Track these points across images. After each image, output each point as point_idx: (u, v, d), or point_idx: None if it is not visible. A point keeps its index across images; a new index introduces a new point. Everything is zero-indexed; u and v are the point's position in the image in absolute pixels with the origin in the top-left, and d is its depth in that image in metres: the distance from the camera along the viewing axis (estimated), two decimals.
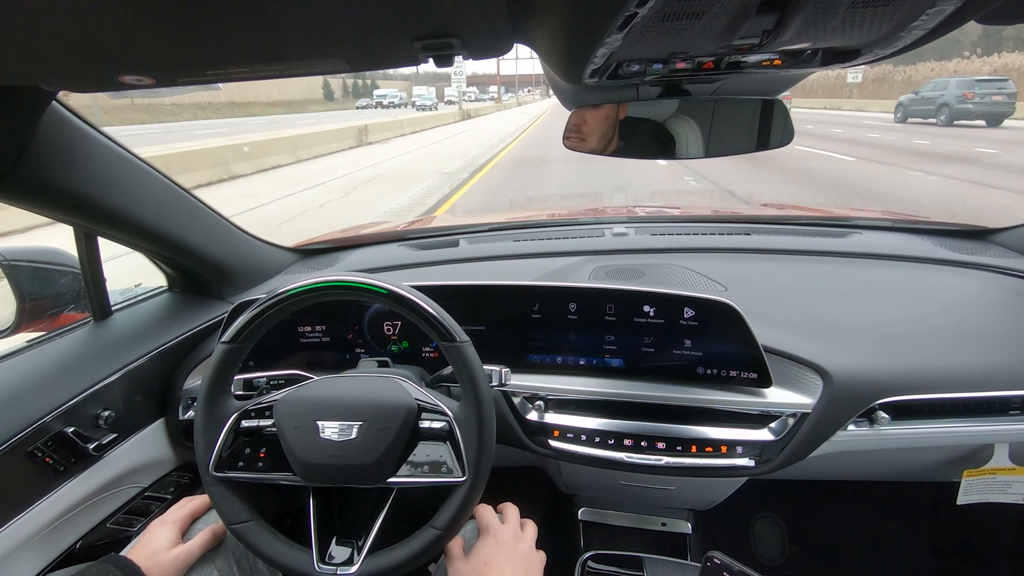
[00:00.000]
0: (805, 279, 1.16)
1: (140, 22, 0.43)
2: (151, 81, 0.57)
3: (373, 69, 0.60)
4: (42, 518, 0.79)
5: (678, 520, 1.25)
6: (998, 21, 0.46)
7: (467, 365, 0.67)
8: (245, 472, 0.69)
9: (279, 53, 0.52)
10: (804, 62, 0.56)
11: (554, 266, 1.24)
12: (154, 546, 0.72)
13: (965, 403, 0.87)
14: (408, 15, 0.45)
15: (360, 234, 1.60)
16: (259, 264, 1.27)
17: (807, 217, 1.49)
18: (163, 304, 1.13)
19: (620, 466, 0.91)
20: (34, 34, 0.45)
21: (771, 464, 0.88)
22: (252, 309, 0.69)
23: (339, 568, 0.65)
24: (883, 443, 0.89)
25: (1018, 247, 1.20)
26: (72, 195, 0.80)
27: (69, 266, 0.98)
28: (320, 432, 0.65)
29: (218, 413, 0.70)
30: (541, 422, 0.95)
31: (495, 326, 0.99)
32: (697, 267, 1.18)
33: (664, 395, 0.91)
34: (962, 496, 0.95)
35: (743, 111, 0.79)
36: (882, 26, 0.45)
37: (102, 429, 0.88)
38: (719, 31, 0.45)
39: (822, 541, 1.44)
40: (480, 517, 0.76)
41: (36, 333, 0.94)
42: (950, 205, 5.71)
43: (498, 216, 1.71)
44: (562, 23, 0.46)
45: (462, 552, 0.73)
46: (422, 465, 0.67)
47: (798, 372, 0.91)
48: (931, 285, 1.10)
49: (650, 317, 0.92)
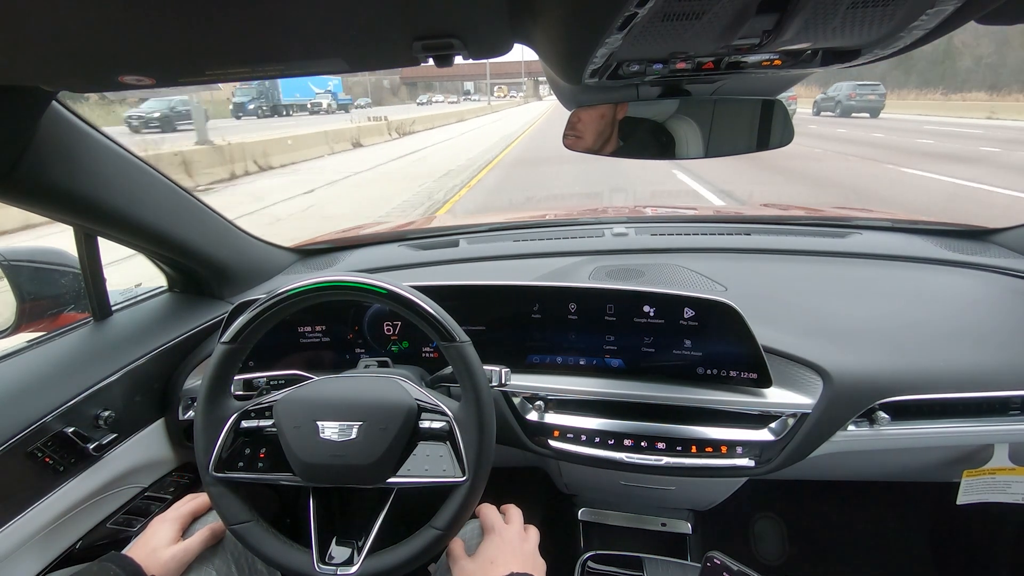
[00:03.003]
0: (805, 279, 1.16)
1: (140, 22, 0.43)
2: (151, 81, 0.57)
3: (373, 69, 0.60)
4: (42, 518, 0.79)
5: (678, 520, 1.25)
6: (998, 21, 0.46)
7: (467, 365, 0.67)
8: (245, 472, 0.69)
9: (279, 53, 0.52)
10: (804, 62, 0.56)
11: (554, 266, 1.24)
12: (154, 543, 0.72)
13: (965, 403, 0.87)
14: (408, 15, 0.45)
15: (360, 234, 1.60)
16: (259, 264, 1.27)
17: (807, 217, 1.49)
18: (163, 304, 1.13)
19: (620, 466, 0.91)
20: (34, 34, 0.45)
21: (771, 464, 0.88)
22: (252, 309, 0.69)
23: (339, 568, 0.65)
24: (883, 443, 0.89)
25: (1018, 247, 1.20)
26: (72, 195, 0.79)
27: (69, 266, 0.98)
28: (320, 432, 0.65)
29: (218, 413, 0.70)
30: (541, 422, 0.95)
31: (495, 326, 0.99)
32: (697, 267, 1.18)
33: (664, 395, 0.91)
34: (962, 496, 0.95)
35: (743, 111, 0.79)
36: (882, 26, 0.45)
37: (102, 429, 0.88)
38: (719, 31, 0.45)
39: (822, 541, 1.44)
40: (484, 517, 0.76)
41: (36, 333, 0.94)
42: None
43: (498, 216, 1.71)
44: (562, 23, 0.46)
45: (464, 552, 0.73)
46: (422, 465, 0.67)
47: (798, 372, 0.91)
48: (931, 285, 1.10)
49: (650, 317, 0.92)
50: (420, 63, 0.56)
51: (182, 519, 0.77)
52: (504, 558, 0.69)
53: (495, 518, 0.76)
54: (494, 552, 0.70)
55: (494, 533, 0.73)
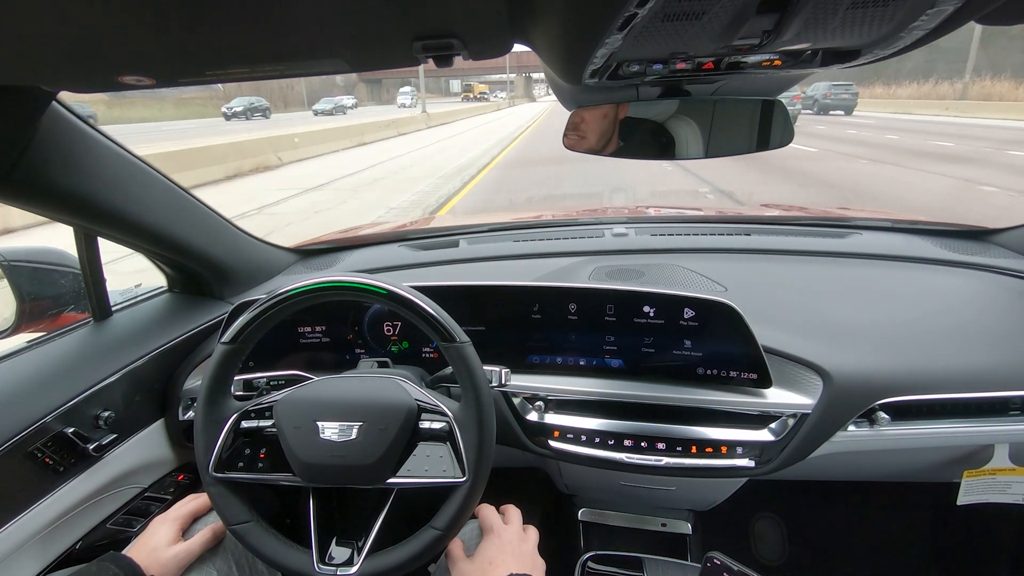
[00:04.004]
0: (805, 279, 1.16)
1: (140, 22, 0.43)
2: (151, 81, 0.57)
3: (373, 69, 0.60)
4: (42, 518, 0.79)
5: (678, 520, 1.25)
6: (998, 21, 0.46)
7: (467, 365, 0.67)
8: (245, 473, 0.69)
9: (279, 53, 0.52)
10: (804, 62, 0.56)
11: (554, 266, 1.24)
12: (154, 543, 0.72)
13: (965, 403, 0.87)
14: (408, 15, 0.45)
15: (360, 234, 1.60)
16: (259, 264, 1.27)
17: (807, 218, 1.49)
18: (163, 304, 1.13)
19: (620, 467, 0.91)
20: (34, 34, 0.45)
21: (771, 464, 0.88)
22: (252, 310, 0.69)
23: (339, 568, 0.65)
24: (883, 443, 0.89)
25: (1018, 247, 1.20)
26: (72, 195, 0.79)
27: (69, 266, 0.98)
28: (320, 432, 0.65)
29: (218, 413, 0.70)
30: (541, 422, 0.95)
31: (495, 326, 0.99)
32: (697, 267, 1.18)
33: (664, 396, 0.91)
34: (962, 496, 0.95)
35: (743, 111, 0.79)
36: (882, 26, 0.45)
37: (102, 429, 0.88)
38: (719, 31, 0.45)
39: (822, 541, 1.44)
40: (483, 517, 0.76)
41: (36, 333, 0.94)
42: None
43: (498, 216, 1.71)
44: (562, 23, 0.46)
45: (463, 553, 0.73)
46: (422, 466, 0.67)
47: (798, 372, 0.91)
48: (931, 285, 1.10)
49: (650, 317, 0.92)
50: (420, 63, 0.56)
51: (182, 519, 0.77)
52: (503, 558, 0.69)
53: (494, 518, 0.76)
54: (493, 553, 0.70)
55: (493, 533, 0.73)
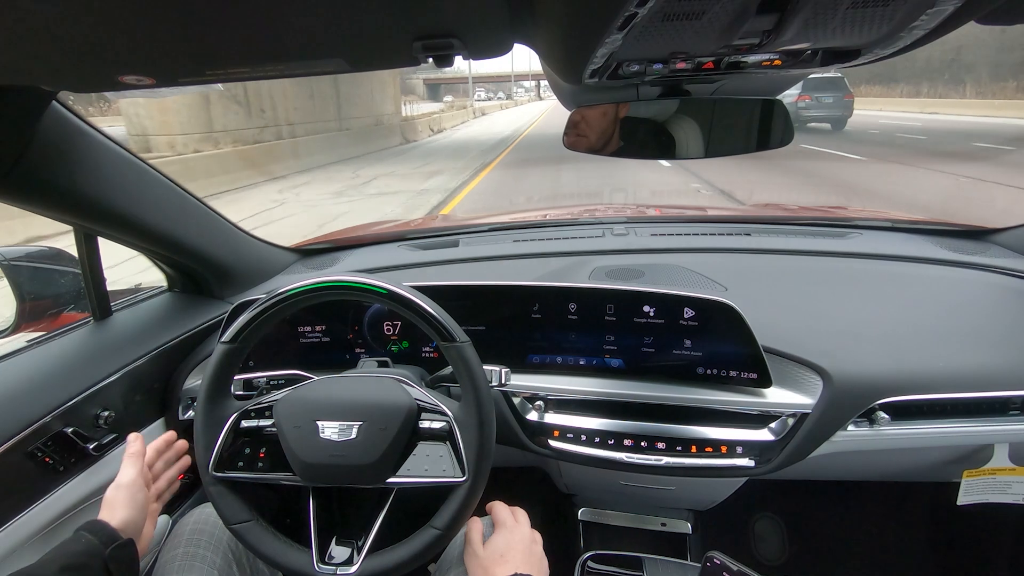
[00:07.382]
0: (805, 279, 1.16)
1: (140, 22, 0.43)
2: (151, 81, 0.57)
3: (373, 69, 0.60)
4: (42, 518, 0.79)
5: (678, 520, 1.25)
6: (998, 21, 0.46)
7: (467, 365, 0.67)
8: (245, 472, 0.69)
9: (279, 53, 0.52)
10: (804, 62, 0.56)
11: (554, 266, 1.24)
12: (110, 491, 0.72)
13: (965, 403, 0.87)
14: (408, 15, 0.45)
15: (360, 234, 1.60)
16: (259, 264, 1.27)
17: (807, 217, 1.49)
18: (163, 304, 1.13)
19: (620, 466, 0.91)
20: (34, 34, 0.45)
21: (771, 464, 0.88)
22: (252, 309, 0.69)
23: (339, 568, 0.65)
24: (883, 443, 0.89)
25: (1018, 247, 1.20)
26: (72, 195, 0.80)
27: (69, 266, 0.98)
28: (320, 432, 0.65)
29: (218, 413, 0.70)
30: (541, 422, 0.95)
31: (495, 326, 0.99)
32: (697, 267, 1.18)
33: (664, 395, 0.91)
34: (962, 496, 0.95)
35: (743, 111, 0.79)
36: (882, 26, 0.45)
37: (102, 429, 0.88)
38: (719, 31, 0.45)
39: (822, 541, 1.44)
40: (495, 513, 0.76)
41: (36, 333, 0.94)
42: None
43: (498, 216, 1.71)
44: (562, 23, 0.46)
45: (481, 539, 0.72)
46: (422, 465, 0.67)
47: (798, 372, 0.91)
48: (931, 285, 1.10)
49: (650, 317, 0.92)
50: (420, 63, 0.56)
51: (133, 457, 0.75)
52: (513, 555, 0.69)
53: (507, 516, 0.76)
54: (504, 547, 0.70)
55: (506, 529, 0.73)
